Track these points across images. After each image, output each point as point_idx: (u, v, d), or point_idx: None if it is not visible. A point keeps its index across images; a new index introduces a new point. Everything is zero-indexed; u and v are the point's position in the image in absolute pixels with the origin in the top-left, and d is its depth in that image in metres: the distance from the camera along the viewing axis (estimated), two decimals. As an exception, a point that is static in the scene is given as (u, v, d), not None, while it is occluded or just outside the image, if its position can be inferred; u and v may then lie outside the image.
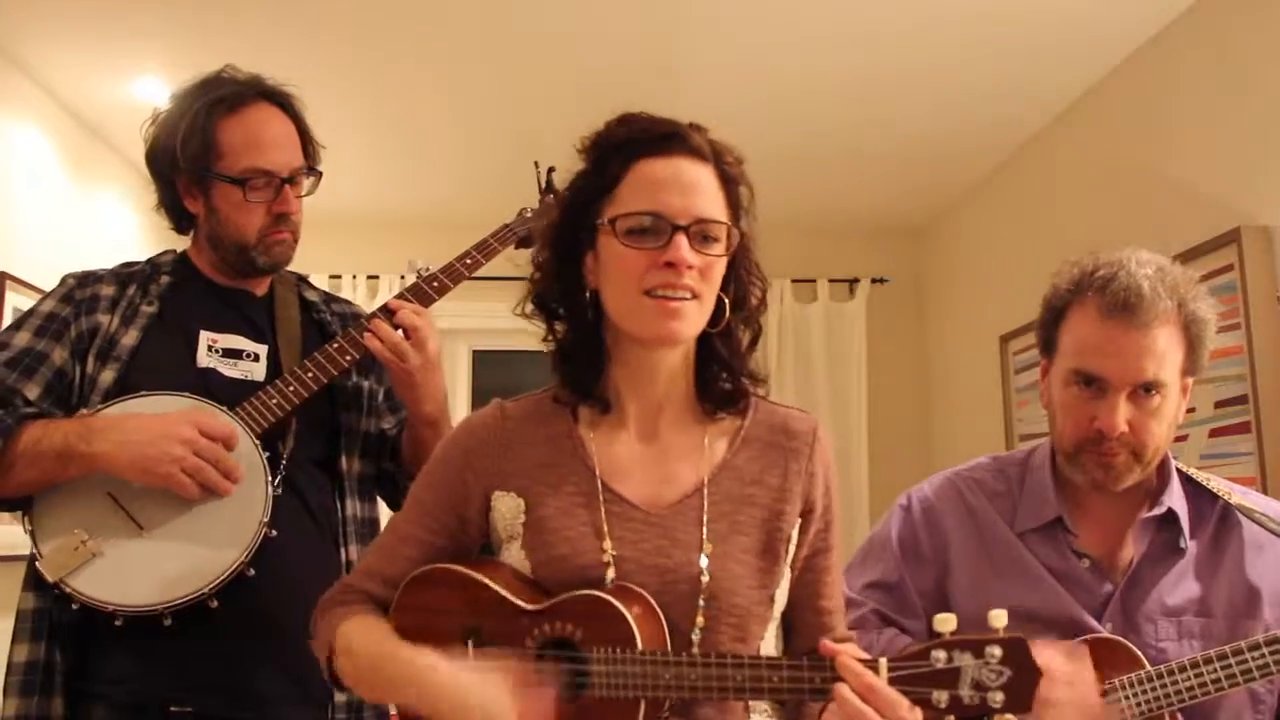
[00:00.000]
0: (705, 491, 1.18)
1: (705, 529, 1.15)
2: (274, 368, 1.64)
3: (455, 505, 1.23)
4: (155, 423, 1.45)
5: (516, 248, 1.84)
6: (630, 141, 1.18)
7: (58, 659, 1.47)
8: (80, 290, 1.61)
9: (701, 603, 1.12)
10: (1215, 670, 1.27)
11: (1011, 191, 3.77)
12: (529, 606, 1.13)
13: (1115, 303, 1.34)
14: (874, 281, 4.47)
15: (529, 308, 1.27)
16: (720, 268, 1.17)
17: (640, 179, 1.16)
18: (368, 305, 4.24)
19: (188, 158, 1.59)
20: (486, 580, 1.16)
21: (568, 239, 1.21)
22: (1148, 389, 1.34)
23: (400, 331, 1.62)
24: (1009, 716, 0.96)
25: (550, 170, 1.85)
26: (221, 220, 1.63)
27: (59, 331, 1.57)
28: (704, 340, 1.22)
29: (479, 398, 4.48)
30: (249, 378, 1.62)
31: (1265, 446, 2.30)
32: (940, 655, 0.99)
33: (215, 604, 1.46)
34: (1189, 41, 2.70)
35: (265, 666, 1.52)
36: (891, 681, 1.00)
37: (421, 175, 3.93)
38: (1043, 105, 3.31)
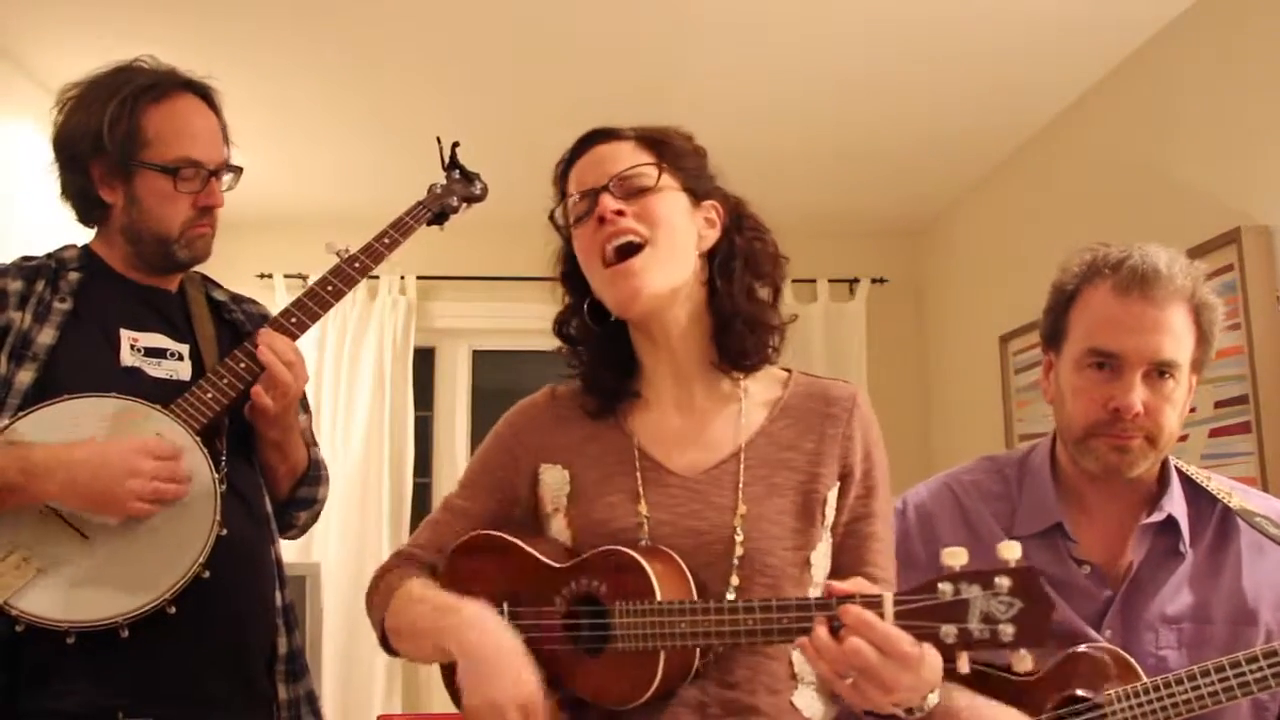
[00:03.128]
0: (742, 457, 1.21)
1: (740, 492, 1.18)
2: (197, 367, 1.59)
3: (506, 480, 1.31)
4: (102, 457, 1.37)
5: (429, 224, 1.87)
6: (565, 159, 1.31)
7: None
8: None
9: (736, 562, 1.15)
10: (1213, 683, 1.26)
11: (1011, 192, 3.77)
12: (558, 565, 1.18)
13: (1132, 278, 1.33)
14: (874, 281, 4.47)
15: (560, 343, 1.35)
16: (665, 208, 1.22)
17: (572, 178, 1.28)
18: (363, 304, 4.26)
19: (115, 143, 1.52)
20: (522, 544, 1.22)
21: (569, 264, 1.31)
22: (1162, 371, 1.33)
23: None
24: (1021, 651, 0.94)
25: (455, 145, 1.91)
26: (143, 211, 1.56)
27: None
28: (715, 298, 1.26)
29: (479, 398, 4.48)
30: (174, 377, 1.56)
31: (1265, 446, 2.29)
32: (947, 588, 0.96)
33: (173, 609, 1.39)
34: (1189, 41, 2.70)
35: (217, 668, 1.49)
36: (898, 616, 0.98)
37: (419, 174, 3.93)
38: (1043, 105, 3.31)
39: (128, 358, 1.54)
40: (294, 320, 1.61)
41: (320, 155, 3.72)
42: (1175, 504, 1.39)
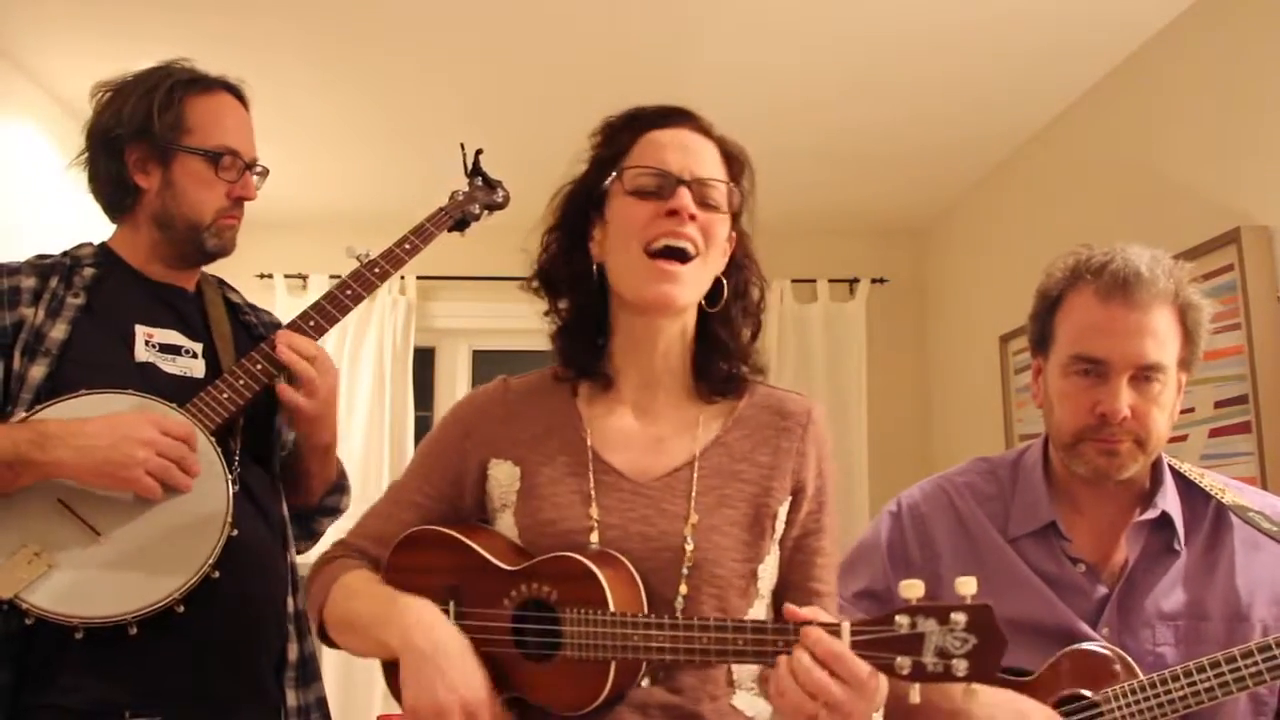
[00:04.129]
0: (696, 466, 1.20)
1: (692, 501, 1.18)
2: (212, 366, 1.59)
3: (454, 472, 1.27)
4: (113, 424, 1.38)
5: (450, 231, 1.86)
6: (639, 117, 1.26)
7: None
8: None
9: (685, 571, 1.14)
10: (1210, 679, 1.26)
11: (1011, 192, 3.77)
12: (507, 567, 1.16)
13: (1114, 283, 1.33)
14: (874, 281, 4.47)
15: (534, 283, 1.30)
16: (721, 231, 1.22)
17: (647, 143, 1.23)
18: (365, 304, 4.26)
19: (163, 126, 1.55)
20: (469, 541, 1.19)
21: (577, 213, 1.26)
22: (1148, 375, 1.33)
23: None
24: (974, 685, 0.95)
25: (478, 152, 1.89)
26: (179, 195, 1.58)
27: None
28: (704, 322, 1.25)
29: (479, 397, 4.48)
30: (188, 374, 1.56)
31: (1265, 446, 2.29)
32: (904, 620, 0.97)
33: (182, 609, 1.40)
34: (1189, 41, 2.70)
35: (224, 669, 1.49)
36: (854, 645, 0.99)
37: (431, 177, 3.92)
38: (1043, 105, 3.31)
39: (142, 353, 1.55)
40: (312, 324, 1.63)
41: (321, 156, 3.72)
42: (1169, 501, 1.39)
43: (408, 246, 1.74)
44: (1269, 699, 1.35)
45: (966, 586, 0.96)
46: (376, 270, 1.70)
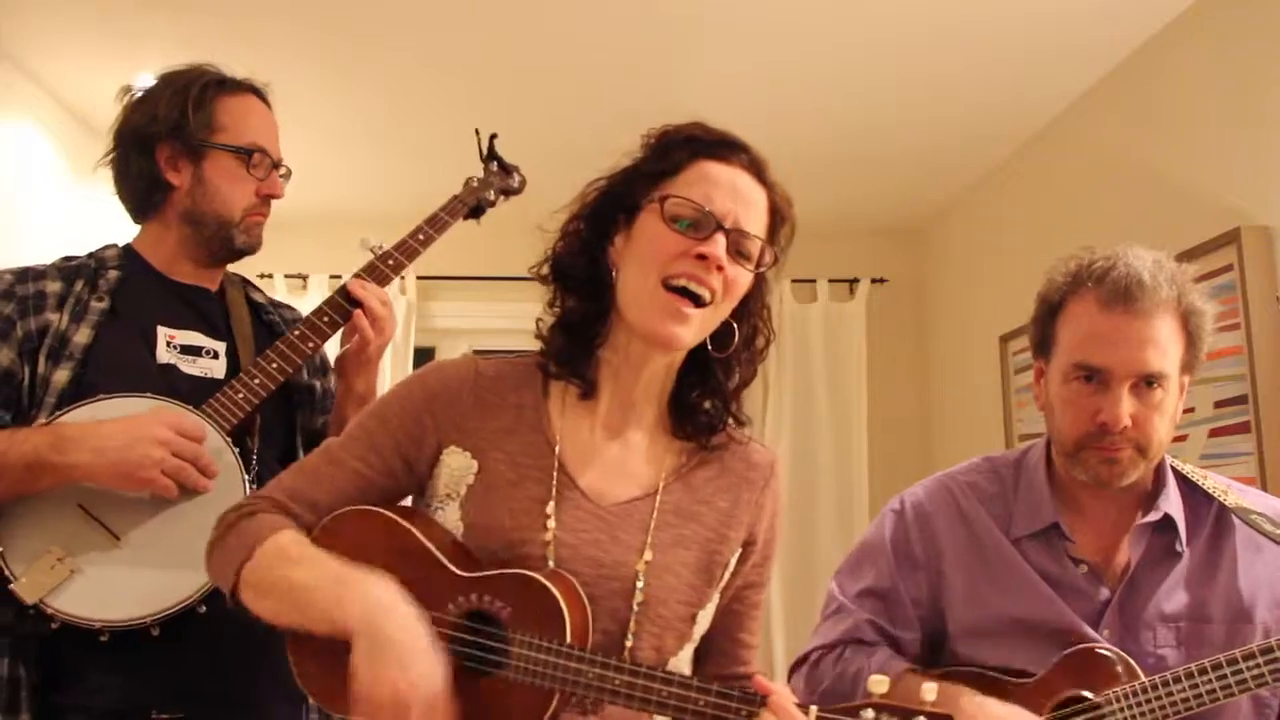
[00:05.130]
0: (657, 499, 1.18)
1: (650, 535, 1.15)
2: (233, 366, 1.61)
3: (405, 447, 1.19)
4: (128, 426, 1.40)
5: (466, 219, 1.85)
6: (698, 139, 1.20)
7: (22, 674, 1.41)
8: (22, 286, 1.53)
9: (635, 608, 1.12)
10: (1212, 681, 1.26)
11: (1011, 192, 3.77)
12: (460, 572, 1.10)
13: (1116, 291, 1.32)
14: (874, 281, 4.47)
15: (544, 269, 1.25)
16: (742, 285, 1.18)
17: (699, 174, 1.17)
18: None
19: (196, 124, 1.59)
20: (420, 536, 1.12)
21: (605, 211, 1.21)
22: (1150, 382, 1.32)
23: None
24: None
25: (493, 137, 1.87)
26: (210, 191, 1.61)
27: (4, 331, 1.48)
28: (701, 361, 1.21)
29: (479, 398, 4.48)
30: (209, 375, 1.58)
31: (1265, 446, 2.29)
32: (869, 715, 0.98)
33: (203, 609, 1.42)
34: (1189, 41, 2.70)
35: (249, 669, 1.50)
36: None
37: (430, 177, 3.93)
38: (1043, 105, 3.31)
39: (163, 354, 1.56)
40: (326, 319, 1.63)
41: (321, 155, 3.72)
42: (1171, 503, 1.39)
43: (421, 237, 1.74)
44: (1271, 701, 1.35)
45: (929, 694, 0.98)
46: (390, 262, 1.71)
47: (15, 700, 1.40)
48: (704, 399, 1.22)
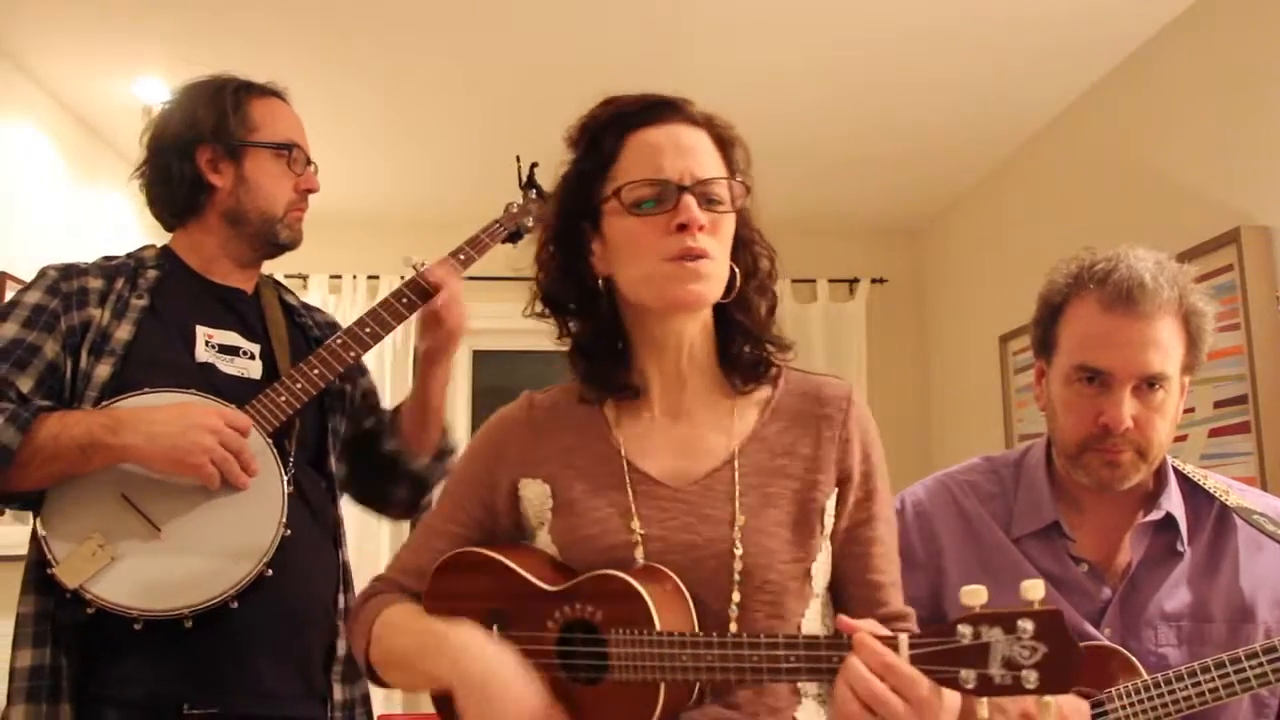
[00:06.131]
0: (735, 464, 1.15)
1: (736, 503, 1.12)
2: (269, 367, 1.63)
3: (484, 497, 1.22)
4: (182, 413, 1.44)
5: (504, 242, 1.87)
6: (620, 116, 1.18)
7: (64, 663, 1.44)
8: (66, 283, 1.56)
9: (737, 578, 1.09)
10: (1213, 679, 1.25)
11: (1011, 192, 3.77)
12: (549, 588, 1.11)
13: (1118, 293, 1.32)
14: (874, 281, 4.47)
15: (538, 307, 1.24)
16: (729, 226, 1.16)
17: (637, 149, 1.15)
18: (368, 305, 4.25)
19: (236, 125, 1.63)
20: (509, 563, 1.14)
21: (570, 229, 1.19)
22: (1151, 383, 1.32)
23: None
24: (1046, 698, 0.87)
25: (533, 166, 1.88)
26: (253, 190, 1.64)
27: (49, 324, 1.51)
28: (721, 312, 1.20)
29: (479, 398, 4.49)
30: (246, 375, 1.60)
31: (1265, 446, 2.30)
32: (966, 630, 0.89)
33: (236, 604, 1.45)
34: (1189, 41, 2.70)
35: (278, 664, 1.52)
36: (913, 660, 0.92)
37: (425, 176, 3.94)
38: (1043, 105, 3.31)
39: (202, 354, 1.59)
40: (368, 330, 1.67)
41: (321, 155, 3.71)
42: (1173, 503, 1.39)
43: (462, 257, 1.78)
44: (1270, 700, 1.35)
45: (1034, 591, 0.89)
46: (431, 280, 1.74)
47: (57, 689, 1.43)
48: (741, 342, 1.20)
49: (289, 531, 1.48)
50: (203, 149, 1.63)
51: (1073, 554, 1.40)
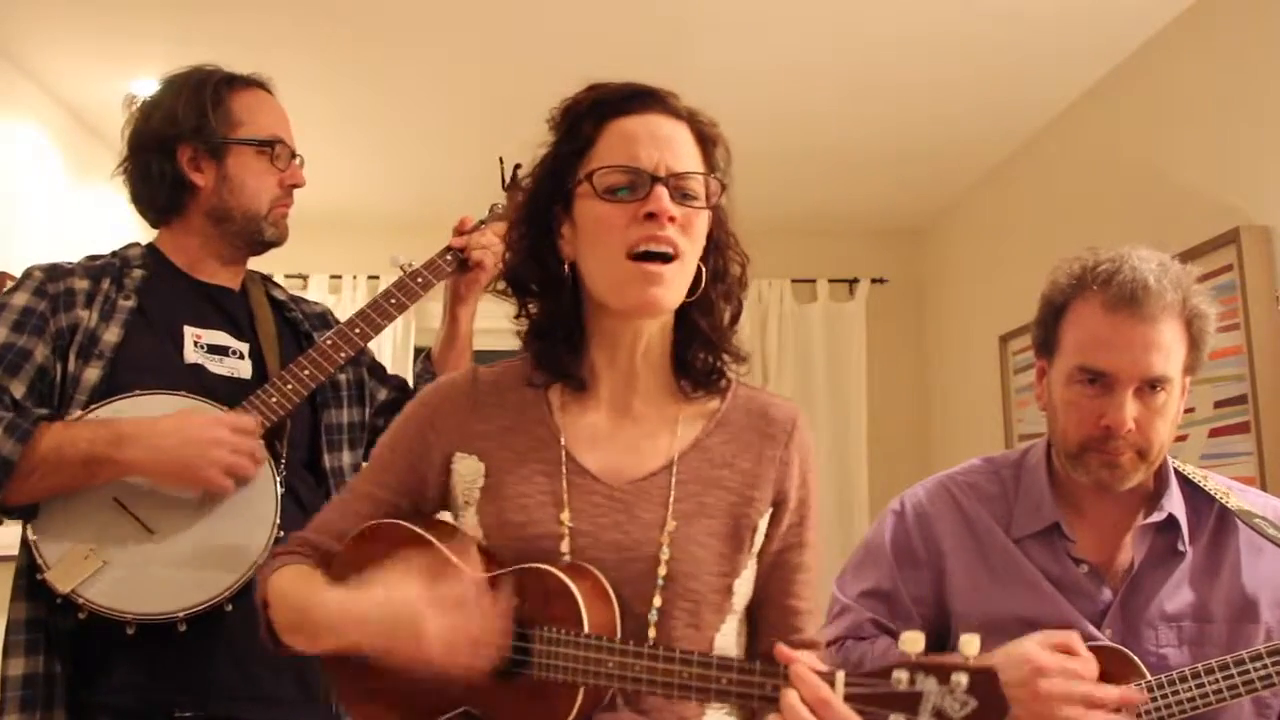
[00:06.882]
0: (674, 469, 1.14)
1: (670, 508, 1.11)
2: (258, 365, 1.62)
3: (416, 463, 1.19)
4: (185, 425, 1.42)
5: None
6: (602, 102, 1.17)
7: (57, 670, 1.42)
8: (52, 284, 1.53)
9: (660, 583, 1.08)
10: (1217, 681, 1.25)
11: (1011, 192, 3.77)
12: (473, 574, 1.08)
13: (1121, 295, 1.31)
14: (874, 281, 4.47)
15: (500, 284, 1.23)
16: (702, 225, 1.14)
17: (615, 136, 1.14)
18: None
19: (217, 121, 1.60)
20: (434, 540, 1.11)
21: (542, 210, 1.18)
22: (1153, 385, 1.32)
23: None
24: None
25: (516, 167, 1.88)
26: (235, 187, 1.61)
27: (39, 327, 1.49)
28: (683, 313, 1.18)
29: (479, 398, 4.48)
30: (236, 375, 1.59)
31: (1265, 446, 2.29)
32: (902, 676, 0.90)
33: (230, 607, 1.43)
34: (1189, 41, 2.70)
35: (273, 668, 1.50)
36: (847, 698, 0.92)
37: (426, 176, 3.93)
38: (1043, 105, 3.31)
39: (191, 354, 1.57)
40: (357, 330, 1.65)
41: (321, 155, 3.71)
42: (1174, 504, 1.39)
43: (449, 257, 1.78)
44: (1272, 702, 1.34)
45: (970, 646, 0.89)
46: (419, 280, 1.74)
47: (51, 696, 1.41)
48: (698, 348, 1.19)
49: (283, 534, 1.46)
50: (184, 147, 1.60)
51: (1073, 555, 1.40)
